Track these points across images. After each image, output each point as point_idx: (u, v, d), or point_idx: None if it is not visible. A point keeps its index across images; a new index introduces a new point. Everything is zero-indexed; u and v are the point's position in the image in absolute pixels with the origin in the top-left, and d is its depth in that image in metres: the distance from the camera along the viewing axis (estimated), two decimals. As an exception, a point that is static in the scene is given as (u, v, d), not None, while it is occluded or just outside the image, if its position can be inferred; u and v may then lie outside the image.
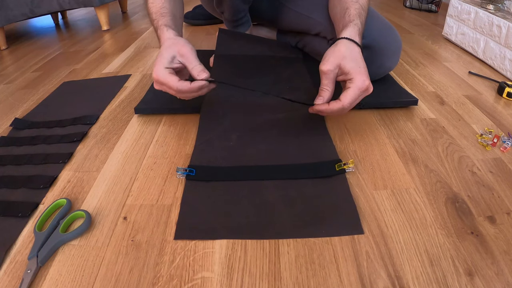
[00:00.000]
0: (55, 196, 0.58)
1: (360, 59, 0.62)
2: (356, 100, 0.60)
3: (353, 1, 0.70)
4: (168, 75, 0.62)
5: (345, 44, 0.63)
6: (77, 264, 0.46)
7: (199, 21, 1.54)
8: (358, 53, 0.62)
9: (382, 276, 0.43)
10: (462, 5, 1.17)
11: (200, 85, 0.64)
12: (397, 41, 0.83)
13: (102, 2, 1.51)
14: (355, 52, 0.62)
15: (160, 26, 0.69)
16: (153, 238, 0.49)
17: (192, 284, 0.43)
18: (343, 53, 0.61)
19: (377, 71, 0.84)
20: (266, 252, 0.46)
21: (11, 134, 0.77)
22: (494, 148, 0.66)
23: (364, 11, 0.69)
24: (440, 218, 0.51)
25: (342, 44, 0.63)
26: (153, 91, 0.88)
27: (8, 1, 1.34)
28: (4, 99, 0.95)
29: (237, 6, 0.95)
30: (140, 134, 0.73)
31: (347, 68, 0.60)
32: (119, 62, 1.16)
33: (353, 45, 0.63)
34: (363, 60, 0.62)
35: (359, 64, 0.61)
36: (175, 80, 0.62)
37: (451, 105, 0.81)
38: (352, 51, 0.62)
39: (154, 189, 0.58)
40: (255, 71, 0.91)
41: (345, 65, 0.60)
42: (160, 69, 0.62)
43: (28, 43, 1.47)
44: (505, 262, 0.44)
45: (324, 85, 0.62)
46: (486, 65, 1.04)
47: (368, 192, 0.56)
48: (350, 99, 0.59)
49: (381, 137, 0.69)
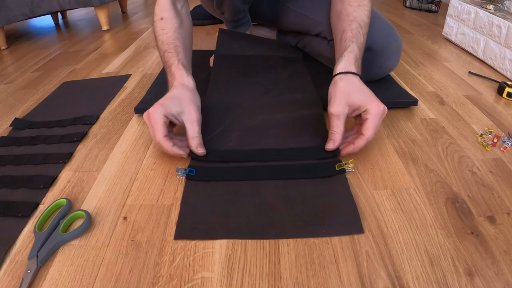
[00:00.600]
0: (55, 196, 0.58)
1: (363, 87, 0.61)
2: (378, 127, 0.59)
3: (350, 20, 0.69)
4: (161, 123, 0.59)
5: (343, 79, 0.62)
6: (77, 264, 0.46)
7: (199, 21, 1.54)
8: (358, 83, 0.62)
9: (382, 276, 0.43)
10: (462, 5, 1.17)
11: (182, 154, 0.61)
12: (398, 41, 0.83)
13: (102, 2, 1.51)
14: (356, 83, 0.61)
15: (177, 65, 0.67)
16: (153, 238, 0.49)
17: (192, 284, 0.43)
18: (347, 90, 0.60)
19: (378, 72, 0.84)
20: (266, 252, 0.46)
21: (11, 134, 0.77)
22: (494, 148, 0.66)
23: (363, 27, 0.69)
24: (440, 218, 0.51)
25: (341, 80, 0.62)
26: (153, 92, 0.88)
27: (8, 1, 1.34)
28: (4, 99, 0.95)
29: (237, 7, 0.95)
30: (140, 134, 0.73)
31: (357, 102, 0.59)
32: (119, 62, 1.16)
33: (351, 77, 0.62)
34: (366, 86, 0.62)
35: (365, 93, 0.60)
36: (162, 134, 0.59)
37: (451, 105, 0.81)
38: (353, 84, 0.61)
39: (154, 189, 0.58)
40: (255, 71, 0.91)
41: (354, 101, 0.59)
42: (158, 112, 0.60)
43: (28, 43, 1.47)
44: (505, 262, 0.44)
45: (334, 127, 0.60)
46: (486, 65, 1.04)
47: (368, 192, 0.56)
48: (372, 129, 0.58)
49: (381, 137, 0.69)
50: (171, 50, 0.69)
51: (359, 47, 0.66)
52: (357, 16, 0.69)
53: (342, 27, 0.70)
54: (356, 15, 0.69)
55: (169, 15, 0.73)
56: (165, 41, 0.71)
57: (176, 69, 0.67)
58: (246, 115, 0.74)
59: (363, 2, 0.71)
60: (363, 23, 0.69)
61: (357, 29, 0.67)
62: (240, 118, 0.73)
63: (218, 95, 0.81)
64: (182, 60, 0.69)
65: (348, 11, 0.71)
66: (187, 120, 0.62)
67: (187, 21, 0.77)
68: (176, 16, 0.74)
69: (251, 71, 0.91)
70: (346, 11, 0.71)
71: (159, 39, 0.72)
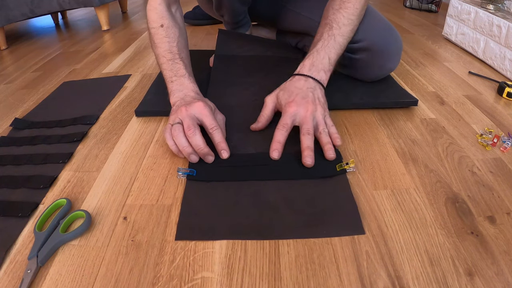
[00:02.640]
0: (55, 196, 0.58)
1: (298, 88, 0.66)
2: (292, 123, 0.63)
3: (324, 23, 0.73)
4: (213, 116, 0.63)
5: (291, 80, 0.69)
6: (77, 264, 0.46)
7: (199, 21, 1.54)
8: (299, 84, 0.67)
9: (382, 276, 0.43)
10: (462, 5, 1.17)
11: (211, 157, 0.61)
12: (398, 42, 0.83)
13: (102, 2, 1.51)
14: (294, 84, 0.67)
15: (189, 77, 0.71)
16: (153, 238, 0.49)
17: (192, 284, 0.43)
18: (283, 86, 0.69)
19: (379, 73, 0.84)
20: (266, 252, 0.46)
21: (11, 134, 0.77)
22: (494, 148, 0.66)
23: (335, 28, 0.71)
24: (440, 218, 0.51)
25: (288, 81, 0.69)
26: (153, 92, 0.88)
27: (8, 1, 1.34)
28: (4, 99, 0.95)
29: (236, 9, 0.95)
30: (140, 134, 0.73)
31: (281, 99, 0.66)
32: (119, 62, 1.16)
33: (297, 78, 0.68)
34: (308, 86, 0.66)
35: (293, 94, 0.65)
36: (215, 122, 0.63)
37: (451, 105, 0.81)
38: (291, 84, 0.67)
39: (154, 189, 0.58)
40: (255, 71, 0.91)
41: (280, 97, 0.67)
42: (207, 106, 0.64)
43: (28, 43, 1.47)
44: (505, 262, 0.44)
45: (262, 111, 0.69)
46: (486, 65, 1.04)
47: (368, 192, 0.56)
48: (282, 121, 0.63)
49: (381, 137, 0.69)
50: (178, 61, 0.71)
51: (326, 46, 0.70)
52: (332, 19, 0.72)
53: (317, 31, 0.75)
54: (331, 18, 0.72)
55: (169, 23, 0.74)
56: (169, 50, 0.72)
57: (188, 81, 0.70)
58: (246, 115, 0.74)
59: (346, 5, 0.72)
60: (336, 25, 0.71)
61: (328, 32, 0.71)
62: (241, 119, 0.73)
63: (218, 96, 0.81)
64: (190, 73, 0.73)
65: (326, 15, 0.74)
66: (216, 117, 0.67)
67: (183, 27, 0.79)
68: (175, 24, 0.75)
69: (251, 72, 0.91)
70: (326, 14, 0.74)
71: (161, 46, 0.73)
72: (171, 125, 0.62)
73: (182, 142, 0.60)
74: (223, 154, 0.62)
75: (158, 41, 0.73)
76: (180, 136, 0.60)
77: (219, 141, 0.62)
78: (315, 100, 0.64)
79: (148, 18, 0.75)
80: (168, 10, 0.75)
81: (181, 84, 0.69)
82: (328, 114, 0.66)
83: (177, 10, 0.79)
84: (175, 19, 0.76)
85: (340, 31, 0.71)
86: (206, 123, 0.63)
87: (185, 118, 0.61)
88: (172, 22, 0.74)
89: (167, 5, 0.75)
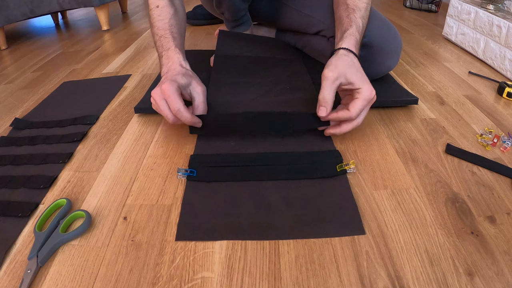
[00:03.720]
0: (55, 196, 0.58)
1: (362, 70, 0.63)
2: (363, 111, 0.61)
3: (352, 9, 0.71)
4: (177, 95, 0.62)
5: (346, 54, 0.63)
6: (77, 264, 0.46)
7: (199, 21, 1.54)
8: (357, 63, 0.63)
9: (382, 276, 0.43)
10: (462, 5, 1.17)
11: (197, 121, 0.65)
12: (397, 39, 0.83)
13: (102, 2, 1.51)
14: (355, 63, 0.63)
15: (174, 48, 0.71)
16: (153, 238, 0.49)
17: (192, 284, 0.43)
18: (347, 63, 0.61)
19: (378, 70, 0.84)
20: (266, 252, 0.46)
21: (11, 134, 0.77)
22: (494, 148, 0.66)
23: (357, 11, 0.70)
24: (440, 218, 0.51)
25: (343, 55, 0.63)
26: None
27: (8, 1, 1.34)
28: (4, 99, 0.95)
29: (236, 6, 0.95)
30: (140, 134, 0.73)
31: (353, 78, 0.60)
32: (119, 62, 1.16)
33: (353, 56, 0.64)
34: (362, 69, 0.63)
35: (363, 74, 0.62)
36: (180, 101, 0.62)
37: (451, 105, 0.81)
38: (354, 62, 0.62)
39: (154, 189, 0.58)
40: (255, 71, 0.91)
41: (351, 75, 0.60)
42: (172, 85, 0.62)
43: (28, 43, 1.47)
44: (505, 262, 0.44)
45: (326, 92, 0.60)
46: (486, 65, 1.04)
47: (368, 192, 0.56)
48: (358, 109, 0.59)
49: (381, 137, 0.69)
50: (168, 35, 0.73)
51: (360, 33, 0.68)
52: (351, 3, 0.71)
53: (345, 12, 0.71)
54: (349, 2, 0.71)
55: (164, 3, 0.76)
56: (161, 27, 0.74)
57: (173, 53, 0.71)
58: (246, 116, 0.74)
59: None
60: (357, 8, 0.70)
61: (353, 15, 0.69)
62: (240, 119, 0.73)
63: (218, 96, 0.81)
64: (179, 46, 0.73)
65: (344, 1, 0.73)
66: (194, 90, 0.67)
67: (181, 10, 0.80)
68: (171, 5, 0.77)
69: (251, 72, 0.91)
70: (344, 0, 0.73)
71: (155, 25, 0.75)
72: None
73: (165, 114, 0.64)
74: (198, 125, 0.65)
75: (153, 21, 0.76)
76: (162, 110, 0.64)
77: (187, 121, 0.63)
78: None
79: (148, 2, 0.78)
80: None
81: (167, 57, 0.71)
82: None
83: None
84: (172, 1, 0.77)
85: (361, 13, 0.70)
86: (170, 107, 0.63)
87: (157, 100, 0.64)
88: (167, 2, 0.76)
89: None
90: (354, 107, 0.59)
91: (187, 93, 0.67)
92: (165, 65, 0.70)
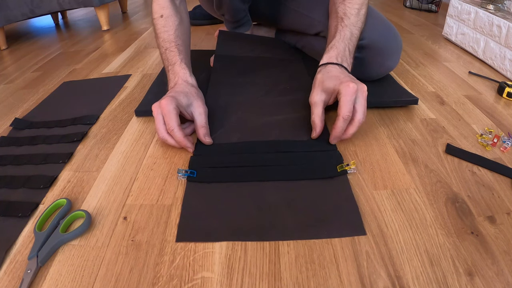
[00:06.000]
0: (55, 196, 0.58)
1: (339, 73, 0.64)
2: (358, 107, 0.61)
3: (337, 16, 0.72)
4: (174, 114, 0.62)
5: (322, 70, 0.67)
6: (77, 264, 0.46)
7: (199, 21, 1.54)
8: (336, 71, 0.65)
9: (382, 276, 0.43)
10: (462, 5, 1.17)
11: (190, 146, 0.64)
12: (397, 40, 0.83)
13: (102, 2, 1.51)
14: (332, 71, 0.65)
15: (180, 63, 0.71)
16: (153, 238, 0.49)
17: (192, 284, 0.43)
18: (322, 79, 0.65)
19: (378, 71, 0.84)
20: (266, 252, 0.46)
21: (11, 134, 0.77)
22: (494, 148, 0.66)
23: (346, 19, 0.70)
24: (440, 218, 0.51)
25: (319, 72, 0.67)
26: (153, 92, 0.88)
27: (8, 1, 1.34)
28: (4, 99, 0.95)
29: (236, 6, 0.95)
30: (140, 134, 0.73)
31: (331, 87, 0.63)
32: (119, 62, 1.16)
33: (329, 67, 0.66)
34: (345, 72, 0.65)
35: (339, 77, 0.63)
36: (176, 121, 0.62)
37: (451, 105, 0.81)
38: (329, 72, 0.65)
39: (154, 189, 0.58)
40: (255, 72, 0.91)
41: (328, 87, 0.63)
42: (171, 103, 0.62)
43: (28, 43, 1.48)
44: (505, 262, 0.44)
45: (314, 114, 0.65)
46: (486, 65, 1.04)
47: (368, 192, 0.56)
48: (345, 107, 0.60)
49: (381, 137, 0.69)
50: (173, 48, 0.72)
51: (344, 38, 0.69)
52: (340, 11, 0.72)
53: (329, 24, 0.74)
54: (339, 10, 0.72)
55: (169, 13, 0.75)
56: (167, 39, 0.74)
57: (179, 68, 0.71)
58: (246, 116, 0.74)
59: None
60: (345, 16, 0.71)
61: (340, 24, 0.70)
62: (240, 120, 0.73)
63: (218, 96, 0.81)
64: (185, 60, 0.72)
65: (335, 9, 0.74)
66: (196, 111, 0.67)
67: (185, 18, 0.80)
68: (176, 13, 0.76)
69: (251, 72, 0.91)
70: (334, 8, 0.74)
71: (160, 36, 0.75)
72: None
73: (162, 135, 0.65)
74: (189, 150, 0.65)
75: (158, 32, 0.75)
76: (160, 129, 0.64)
77: (179, 142, 0.64)
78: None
79: (152, 9, 0.78)
80: (171, 1, 0.76)
81: (173, 73, 0.71)
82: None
83: (181, 2, 0.80)
84: (177, 9, 0.77)
85: (350, 21, 0.71)
86: (166, 124, 0.63)
87: (154, 114, 0.64)
88: (172, 11, 0.75)
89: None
90: (340, 107, 0.60)
91: (188, 112, 0.67)
92: (172, 80, 0.71)
